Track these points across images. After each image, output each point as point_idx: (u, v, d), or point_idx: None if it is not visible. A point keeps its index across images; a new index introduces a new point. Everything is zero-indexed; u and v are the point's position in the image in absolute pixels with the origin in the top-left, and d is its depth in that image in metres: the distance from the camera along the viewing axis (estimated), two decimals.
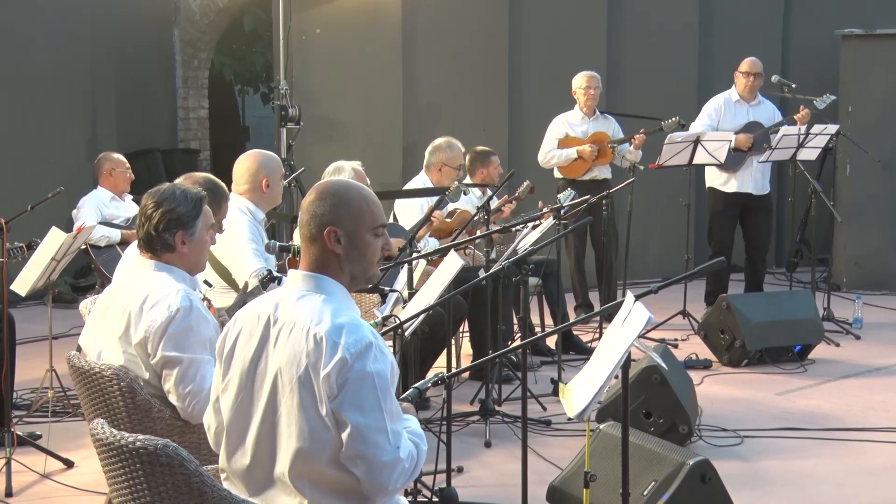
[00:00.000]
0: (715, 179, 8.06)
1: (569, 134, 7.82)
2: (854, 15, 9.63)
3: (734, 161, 7.85)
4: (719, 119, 7.93)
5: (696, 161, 7.59)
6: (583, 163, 7.75)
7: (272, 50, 9.35)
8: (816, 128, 7.61)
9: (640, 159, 7.72)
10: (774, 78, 8.16)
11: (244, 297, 4.05)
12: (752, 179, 7.92)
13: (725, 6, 10.18)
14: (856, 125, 9.13)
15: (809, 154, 7.77)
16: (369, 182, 6.04)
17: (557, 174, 7.88)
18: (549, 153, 7.81)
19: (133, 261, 3.77)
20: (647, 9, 9.82)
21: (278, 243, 4.69)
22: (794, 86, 8.06)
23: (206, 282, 4.18)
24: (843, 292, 9.01)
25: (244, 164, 4.89)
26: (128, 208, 7.34)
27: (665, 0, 9.86)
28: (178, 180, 4.07)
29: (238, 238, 4.65)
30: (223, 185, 4.20)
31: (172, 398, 3.39)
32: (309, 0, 8.91)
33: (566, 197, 6.53)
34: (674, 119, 7.65)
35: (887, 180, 9.24)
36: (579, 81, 7.85)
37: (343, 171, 5.95)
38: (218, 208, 3.98)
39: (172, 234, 3.45)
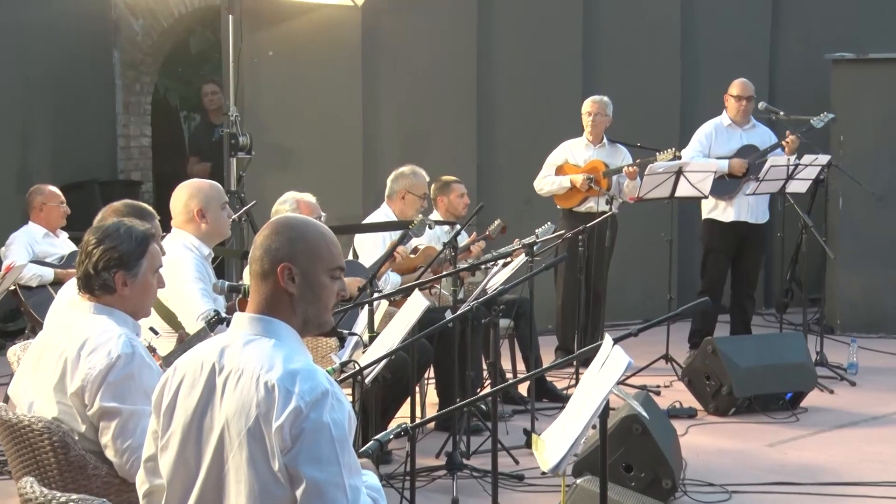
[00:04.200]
0: (712, 209, 8.06)
1: (568, 161, 7.86)
2: (844, 38, 9.73)
3: (728, 187, 7.86)
4: (710, 146, 7.97)
5: (678, 194, 7.56)
6: (577, 192, 7.78)
7: (221, 74, 9.35)
8: (807, 158, 7.64)
9: (637, 192, 7.70)
10: (761, 105, 8.19)
11: (189, 341, 4.02)
12: (749, 207, 7.94)
13: (709, 29, 10.28)
14: (848, 155, 9.21)
15: (800, 186, 7.81)
16: (325, 216, 6.04)
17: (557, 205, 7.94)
18: (544, 179, 7.86)
19: (70, 302, 3.75)
20: (626, 31, 9.90)
21: (227, 283, 4.66)
22: (781, 113, 8.14)
23: (151, 328, 4.14)
24: (838, 335, 9.07)
25: (177, 195, 4.85)
26: (62, 245, 7.29)
27: (645, 22, 9.95)
28: (99, 214, 4.07)
29: (184, 277, 4.60)
30: (150, 209, 4.16)
31: (110, 453, 3.35)
32: (261, 20, 8.94)
33: (545, 231, 6.55)
34: (670, 150, 7.62)
35: (883, 214, 9.30)
36: (585, 106, 7.90)
37: (285, 203, 5.89)
38: None
39: (112, 275, 3.43)
